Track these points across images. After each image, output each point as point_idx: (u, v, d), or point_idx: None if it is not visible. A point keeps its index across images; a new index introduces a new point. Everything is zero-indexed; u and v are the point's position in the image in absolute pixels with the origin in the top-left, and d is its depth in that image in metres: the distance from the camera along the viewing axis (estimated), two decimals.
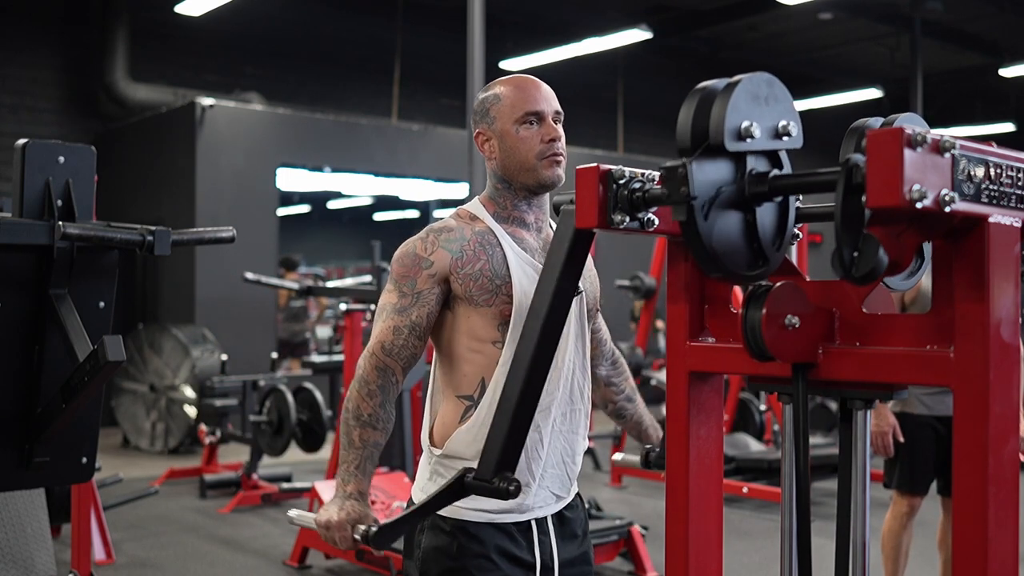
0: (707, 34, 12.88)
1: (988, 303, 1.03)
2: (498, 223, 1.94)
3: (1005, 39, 12.88)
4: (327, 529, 1.79)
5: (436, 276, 1.87)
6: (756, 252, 1.20)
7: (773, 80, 1.17)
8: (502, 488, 1.50)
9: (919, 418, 3.80)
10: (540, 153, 1.89)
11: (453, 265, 1.87)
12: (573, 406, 1.95)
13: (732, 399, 7.43)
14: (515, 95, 1.93)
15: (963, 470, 1.04)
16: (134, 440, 8.60)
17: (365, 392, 1.86)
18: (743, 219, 1.19)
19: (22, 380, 1.99)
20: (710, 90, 1.17)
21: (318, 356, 9.46)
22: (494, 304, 1.86)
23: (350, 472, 1.84)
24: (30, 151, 1.94)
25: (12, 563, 2.84)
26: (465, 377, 1.89)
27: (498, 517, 1.88)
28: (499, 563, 1.86)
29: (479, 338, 1.88)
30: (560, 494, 1.96)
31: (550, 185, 1.92)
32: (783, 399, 1.26)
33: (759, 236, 1.19)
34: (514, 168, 1.92)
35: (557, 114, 1.94)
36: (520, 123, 1.90)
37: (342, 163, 10.55)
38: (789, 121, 1.18)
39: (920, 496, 3.87)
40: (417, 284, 1.88)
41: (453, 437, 1.89)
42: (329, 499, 1.86)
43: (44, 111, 10.26)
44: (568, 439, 1.95)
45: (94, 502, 4.60)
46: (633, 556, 4.72)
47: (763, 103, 1.16)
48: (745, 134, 1.13)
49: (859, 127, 1.27)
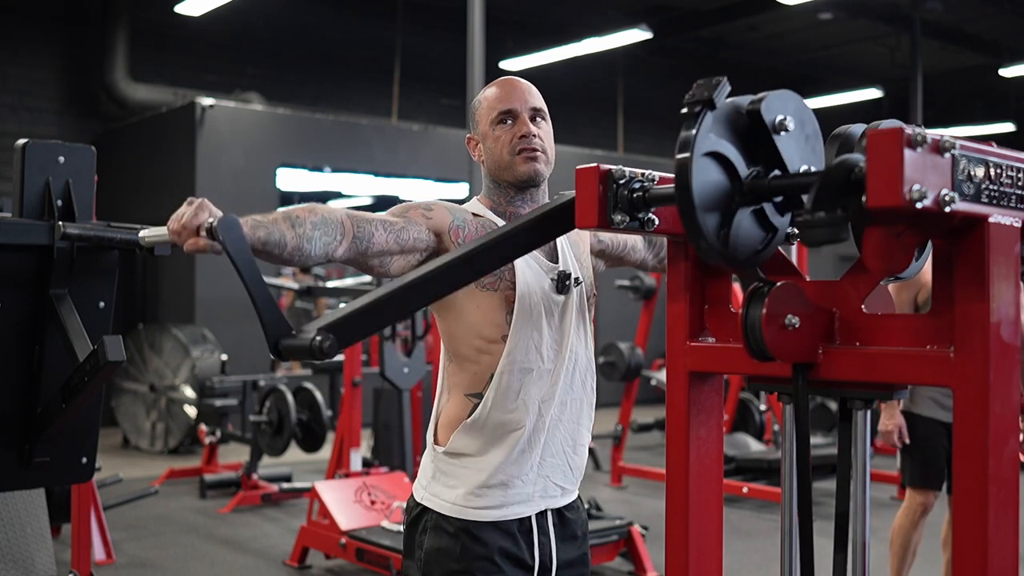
0: (707, 34, 12.87)
1: (988, 303, 1.03)
2: (497, 218, 1.96)
3: (1005, 39, 12.88)
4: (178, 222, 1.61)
5: (432, 221, 1.86)
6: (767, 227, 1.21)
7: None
8: (316, 345, 1.36)
9: (928, 419, 3.85)
10: (512, 149, 1.91)
11: (453, 230, 1.87)
12: (574, 395, 1.95)
13: (732, 399, 7.43)
14: (492, 97, 1.97)
15: (963, 470, 1.04)
16: (134, 440, 8.60)
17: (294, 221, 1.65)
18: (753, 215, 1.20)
19: (22, 380, 1.99)
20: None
21: None
22: (499, 288, 1.87)
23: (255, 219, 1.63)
24: (30, 151, 1.94)
25: (12, 563, 2.84)
26: (475, 376, 1.90)
27: (502, 512, 1.88)
28: (502, 565, 1.86)
29: (487, 338, 1.87)
30: (564, 485, 1.96)
31: (527, 180, 1.92)
32: (783, 399, 1.26)
33: (767, 216, 1.21)
34: (495, 167, 1.95)
35: (535, 111, 1.95)
36: (496, 123, 1.94)
37: (342, 163, 10.55)
38: (786, 116, 1.18)
39: (934, 492, 3.90)
40: (408, 214, 1.85)
41: (457, 433, 1.89)
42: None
43: (44, 111, 10.26)
44: (569, 428, 1.95)
45: (94, 502, 4.60)
46: (633, 556, 4.72)
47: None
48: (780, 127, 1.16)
49: (841, 134, 1.27)
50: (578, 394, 1.96)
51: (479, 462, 1.87)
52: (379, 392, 6.56)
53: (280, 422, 6.37)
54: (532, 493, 1.90)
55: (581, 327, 1.97)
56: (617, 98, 13.93)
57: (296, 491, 6.20)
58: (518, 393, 1.87)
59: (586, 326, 1.99)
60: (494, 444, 1.88)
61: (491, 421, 1.87)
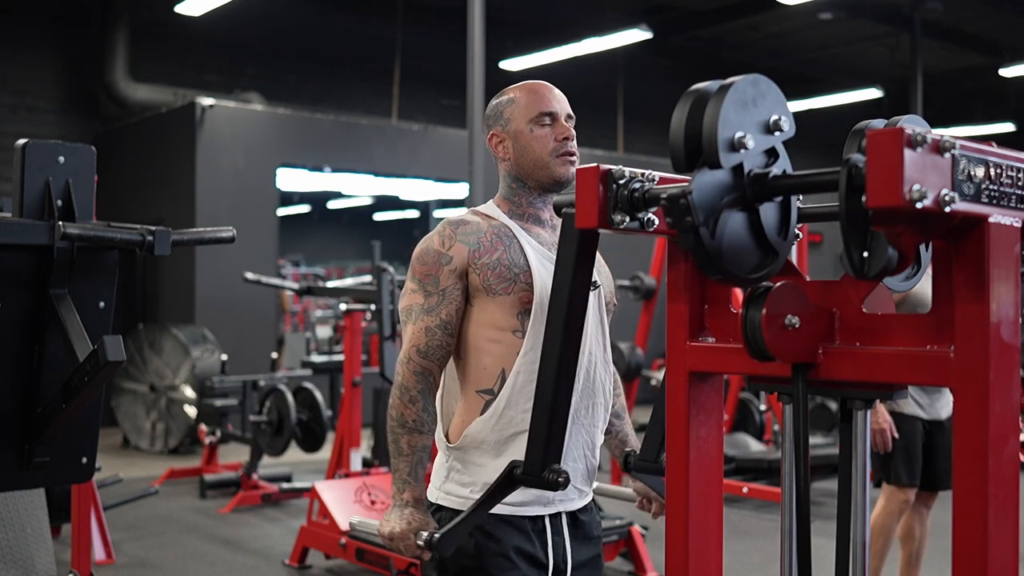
0: (707, 34, 12.87)
1: (988, 303, 1.03)
2: (513, 220, 1.97)
3: (1005, 39, 12.87)
4: (391, 540, 1.83)
5: (457, 271, 1.90)
6: (765, 248, 1.20)
7: (758, 79, 1.17)
8: (552, 480, 1.56)
9: (910, 417, 3.90)
10: (554, 151, 1.95)
11: (471, 257, 1.90)
12: (594, 399, 1.96)
13: (732, 399, 7.42)
14: (530, 97, 1.99)
15: (963, 470, 1.04)
16: (134, 440, 8.60)
17: (407, 399, 1.88)
18: (747, 219, 1.19)
19: (22, 380, 1.99)
20: (698, 99, 1.16)
21: (318, 356, 9.47)
22: (513, 292, 1.88)
23: (404, 480, 1.87)
24: (30, 151, 1.94)
25: (12, 563, 2.84)
26: (485, 370, 1.90)
27: (519, 510, 1.88)
28: (517, 562, 1.87)
29: (499, 327, 1.89)
30: (582, 488, 1.97)
31: (563, 182, 1.96)
32: (783, 399, 1.26)
33: (765, 231, 1.19)
34: (528, 166, 1.96)
35: (569, 117, 1.99)
36: (535, 123, 1.96)
37: (342, 163, 10.55)
38: (780, 115, 1.18)
39: (914, 488, 3.95)
40: (441, 281, 1.90)
41: (469, 428, 1.90)
42: (388, 509, 1.89)
43: (44, 111, 10.26)
44: (589, 432, 1.96)
45: (94, 502, 4.60)
46: (633, 556, 4.72)
47: (751, 106, 1.16)
48: (739, 145, 1.13)
49: (862, 128, 1.27)
50: (597, 397, 1.97)
51: (495, 460, 1.88)
52: (379, 392, 6.56)
53: (280, 422, 6.37)
54: (553, 495, 1.90)
55: (599, 330, 1.98)
56: (617, 98, 13.93)
57: (296, 491, 6.20)
58: (532, 394, 1.87)
59: (604, 329, 2.00)
60: (511, 443, 1.88)
61: (505, 419, 1.88)
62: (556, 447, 1.56)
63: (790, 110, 1.20)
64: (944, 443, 3.91)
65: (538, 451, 1.55)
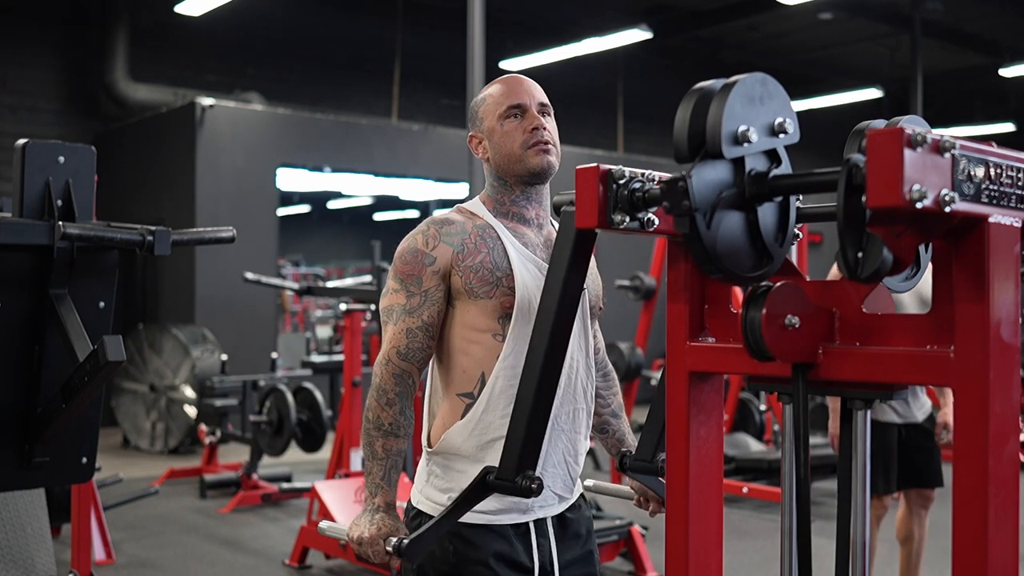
0: (707, 34, 12.87)
1: (988, 303, 1.03)
2: (497, 219, 1.94)
3: (1005, 39, 12.87)
4: (359, 544, 1.80)
5: (440, 272, 1.87)
6: (760, 251, 1.20)
7: (766, 79, 1.18)
8: (525, 486, 1.53)
9: (886, 424, 3.88)
10: (524, 143, 1.91)
11: (455, 259, 1.86)
12: (576, 405, 1.93)
13: (732, 399, 7.42)
14: (498, 92, 1.96)
15: (963, 470, 1.04)
16: (134, 440, 8.61)
17: (384, 401, 1.86)
18: (745, 219, 1.19)
19: (22, 380, 1.99)
20: (705, 94, 1.17)
21: (318, 356, 9.47)
22: (494, 296, 1.85)
23: (376, 484, 1.84)
24: (30, 151, 1.94)
25: (12, 563, 2.84)
26: (464, 373, 1.88)
27: (497, 518, 1.86)
28: (497, 569, 1.83)
29: (477, 328, 1.86)
30: (563, 494, 1.94)
31: (540, 172, 1.92)
32: (783, 399, 1.25)
33: (762, 234, 1.19)
34: (504, 162, 1.93)
35: (542, 106, 1.95)
36: (504, 118, 1.93)
37: (342, 163, 10.55)
38: (785, 118, 1.18)
39: (892, 496, 3.97)
40: (423, 282, 1.86)
41: (448, 433, 1.88)
42: (359, 512, 1.86)
43: (44, 111, 10.26)
44: (571, 438, 1.93)
45: (94, 502, 4.60)
46: (633, 556, 4.72)
47: (758, 103, 1.16)
48: (742, 139, 1.14)
49: (862, 129, 1.27)
50: (579, 403, 1.94)
51: (473, 466, 1.83)
52: None
53: (280, 422, 6.37)
54: (531, 502, 1.88)
55: (582, 335, 1.94)
56: (617, 98, 13.93)
57: (296, 491, 6.20)
58: (512, 399, 1.86)
59: (587, 334, 1.96)
60: (489, 448, 1.84)
61: (483, 424, 1.85)
62: (532, 453, 1.53)
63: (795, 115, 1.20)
64: (922, 442, 3.91)
65: (513, 456, 1.53)
